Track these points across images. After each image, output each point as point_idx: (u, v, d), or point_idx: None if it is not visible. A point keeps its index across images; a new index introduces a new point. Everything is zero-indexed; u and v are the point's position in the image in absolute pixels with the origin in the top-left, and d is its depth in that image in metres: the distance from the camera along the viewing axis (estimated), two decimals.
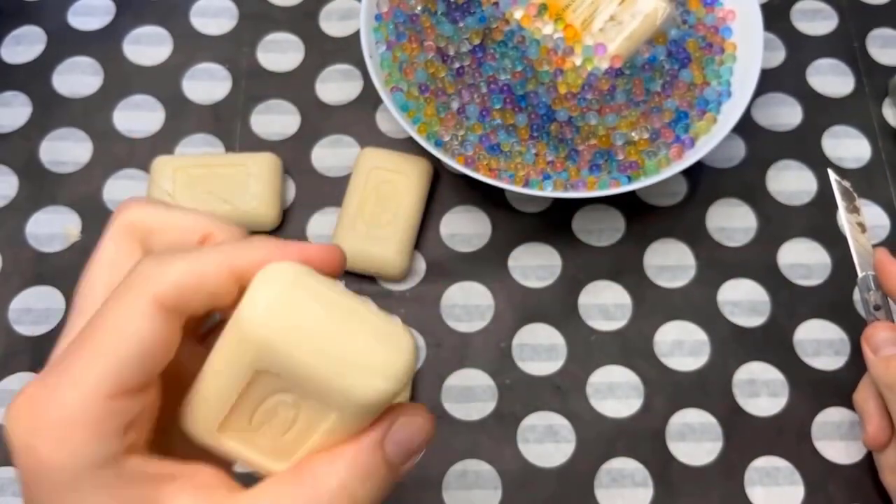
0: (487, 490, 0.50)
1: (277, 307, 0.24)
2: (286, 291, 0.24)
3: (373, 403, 0.24)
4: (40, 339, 0.54)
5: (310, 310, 0.24)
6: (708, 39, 0.59)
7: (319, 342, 0.24)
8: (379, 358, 0.24)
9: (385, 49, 0.58)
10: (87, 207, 0.58)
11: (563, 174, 0.55)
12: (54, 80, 0.62)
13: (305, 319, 0.24)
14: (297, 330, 0.24)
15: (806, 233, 0.57)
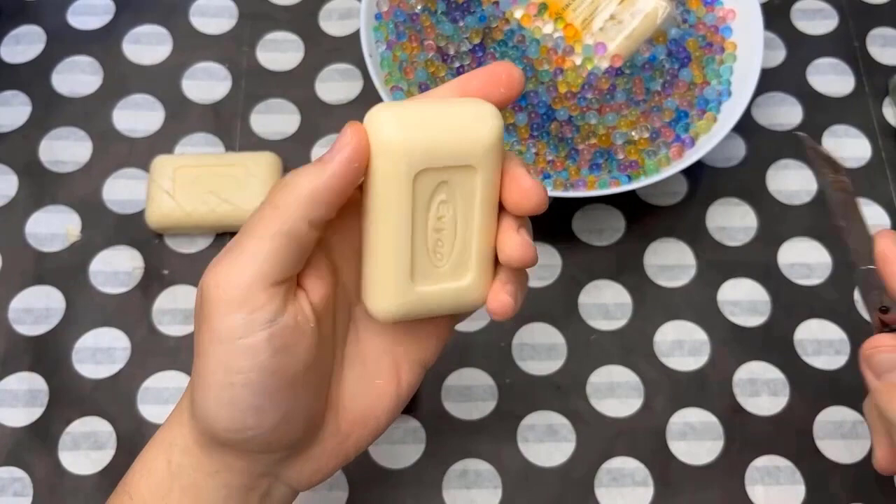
0: (487, 489, 0.50)
1: (397, 117, 0.30)
2: (392, 108, 0.31)
3: (497, 138, 0.31)
4: (40, 339, 0.54)
5: (416, 109, 0.31)
6: (708, 39, 0.59)
7: (438, 121, 0.30)
8: (482, 111, 0.31)
9: (385, 48, 0.58)
10: (86, 207, 0.58)
11: (563, 173, 0.55)
12: (54, 79, 0.62)
13: (418, 113, 0.31)
14: (419, 121, 0.30)
15: (806, 232, 0.57)
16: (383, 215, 0.31)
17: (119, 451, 0.51)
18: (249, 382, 0.30)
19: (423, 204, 0.31)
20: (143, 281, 0.55)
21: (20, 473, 0.50)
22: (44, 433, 0.51)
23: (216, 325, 0.30)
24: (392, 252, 0.31)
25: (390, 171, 0.30)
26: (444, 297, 0.33)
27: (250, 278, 0.30)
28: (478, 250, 0.33)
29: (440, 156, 0.30)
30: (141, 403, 0.52)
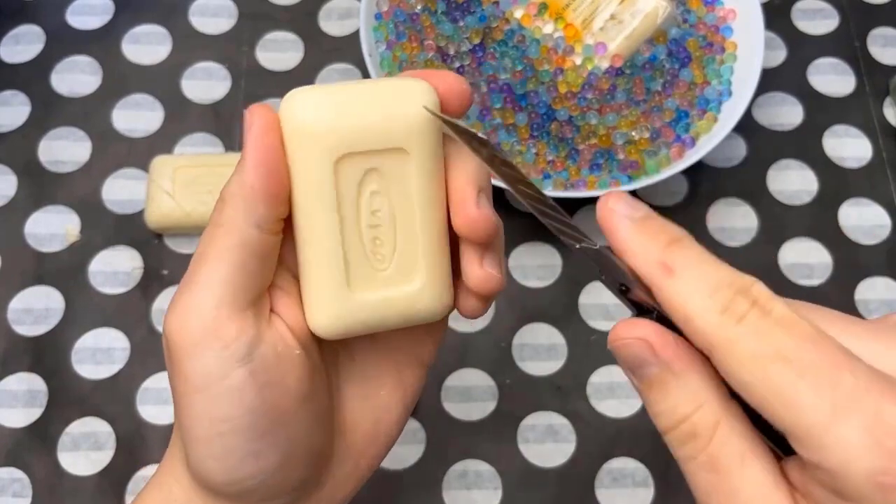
0: (487, 490, 0.50)
1: (310, 98, 0.27)
2: (307, 90, 0.27)
3: (422, 114, 0.27)
4: (39, 340, 0.54)
5: (337, 90, 0.27)
6: (708, 38, 0.59)
7: (360, 100, 0.27)
8: (411, 86, 0.27)
9: (385, 48, 0.58)
10: (86, 207, 0.57)
11: (564, 174, 0.55)
12: (53, 79, 0.62)
13: (338, 94, 0.27)
14: (338, 101, 0.27)
15: (807, 232, 0.57)
16: (305, 212, 0.27)
17: (118, 452, 0.51)
18: (239, 428, 0.27)
19: (349, 195, 0.27)
20: (143, 281, 0.55)
21: (19, 474, 0.50)
22: (43, 434, 0.51)
23: (188, 373, 0.26)
24: (320, 254, 0.27)
25: (305, 159, 0.27)
26: (393, 305, 0.28)
27: (212, 308, 0.26)
28: (425, 248, 0.28)
29: (362, 137, 0.27)
30: (140, 404, 0.52)
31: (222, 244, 0.27)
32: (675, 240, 0.24)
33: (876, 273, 0.56)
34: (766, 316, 0.21)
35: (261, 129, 0.27)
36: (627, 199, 0.25)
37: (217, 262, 0.27)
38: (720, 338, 0.22)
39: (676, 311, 0.23)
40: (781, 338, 0.21)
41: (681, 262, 0.23)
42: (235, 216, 0.27)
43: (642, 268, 0.24)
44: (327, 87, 0.27)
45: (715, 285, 0.22)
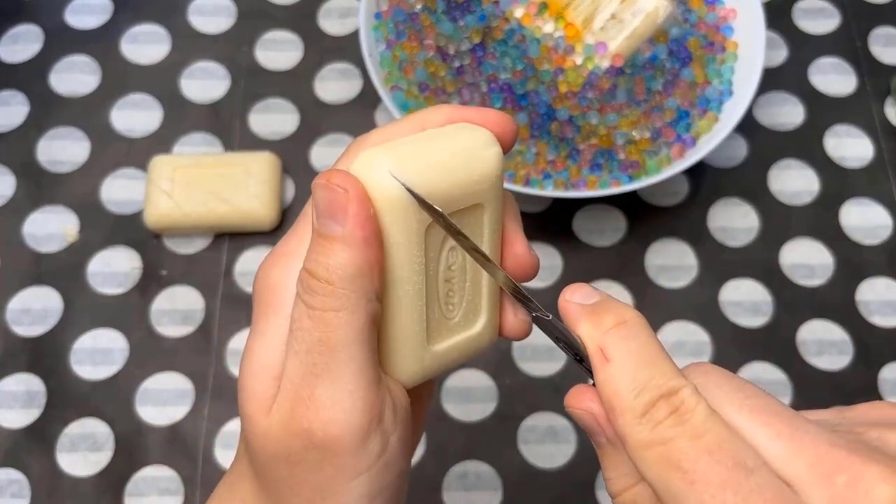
0: (488, 491, 0.50)
1: (396, 163, 0.26)
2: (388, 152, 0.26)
3: (501, 168, 0.27)
4: (38, 340, 0.53)
5: (414, 152, 0.26)
6: (709, 38, 0.59)
7: (440, 162, 0.26)
8: (476, 135, 0.27)
9: (385, 48, 0.58)
10: (84, 207, 0.57)
11: (564, 173, 0.55)
12: (52, 78, 0.61)
13: (418, 157, 0.26)
14: (420, 166, 0.26)
15: (808, 232, 0.57)
16: (396, 277, 0.27)
17: (117, 453, 0.51)
18: (392, 494, 0.27)
19: (433, 256, 0.27)
20: (142, 281, 0.55)
21: (18, 475, 0.50)
22: (41, 434, 0.51)
23: (350, 462, 0.26)
24: (406, 315, 0.27)
25: (398, 228, 0.26)
26: (459, 348, 0.29)
27: (366, 392, 0.26)
28: (488, 290, 0.29)
29: (449, 201, 0.26)
30: (139, 405, 0.52)
31: (353, 327, 0.25)
32: (619, 322, 0.25)
33: (877, 273, 0.56)
34: (679, 425, 0.22)
35: (362, 203, 0.25)
36: (585, 289, 0.27)
37: (354, 346, 0.26)
38: (634, 439, 0.23)
39: (605, 400, 0.24)
40: (685, 448, 0.22)
41: (618, 350, 0.24)
42: (355, 297, 0.25)
43: (588, 348, 0.25)
44: (403, 145, 0.27)
45: (643, 384, 0.23)
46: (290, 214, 0.57)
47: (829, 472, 0.21)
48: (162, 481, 0.50)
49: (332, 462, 0.26)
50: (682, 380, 0.23)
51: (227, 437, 0.51)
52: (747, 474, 0.21)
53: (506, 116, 0.28)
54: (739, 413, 0.23)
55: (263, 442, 0.27)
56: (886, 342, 0.54)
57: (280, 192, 0.57)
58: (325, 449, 0.26)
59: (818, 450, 0.22)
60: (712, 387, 0.24)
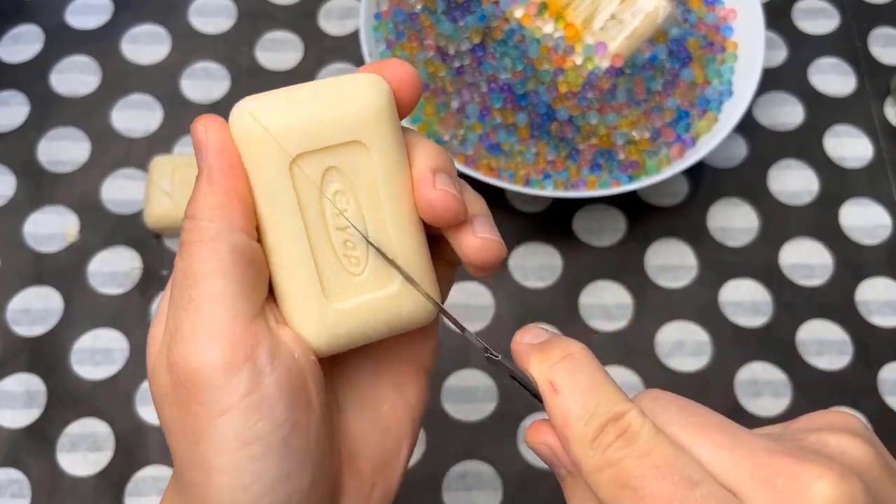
0: (488, 491, 0.50)
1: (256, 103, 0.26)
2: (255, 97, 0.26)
3: (384, 106, 0.26)
4: (38, 340, 0.54)
5: (285, 92, 0.26)
6: (709, 38, 0.59)
7: (309, 99, 0.26)
8: (361, 80, 0.26)
9: (385, 48, 0.58)
10: (85, 207, 0.57)
11: (564, 174, 0.55)
12: (52, 79, 0.61)
13: (286, 96, 0.26)
14: (286, 103, 0.26)
15: (808, 232, 0.57)
16: (268, 221, 0.26)
17: (117, 453, 0.51)
18: (271, 447, 0.25)
19: (311, 197, 0.26)
20: (142, 282, 0.55)
21: (18, 475, 0.50)
22: (42, 434, 0.51)
23: (214, 398, 0.25)
24: (290, 263, 0.26)
25: (260, 164, 0.26)
26: (374, 311, 0.27)
27: (227, 322, 0.25)
28: (400, 246, 0.27)
29: (314, 134, 0.26)
30: (139, 405, 0.52)
31: (213, 257, 0.25)
32: (566, 356, 0.26)
33: (877, 273, 0.56)
34: (627, 446, 0.23)
35: (219, 137, 0.26)
36: (534, 330, 0.28)
37: (215, 275, 0.25)
38: (587, 463, 0.24)
39: (558, 430, 0.25)
40: (633, 468, 0.23)
41: (565, 382, 0.25)
42: (216, 226, 0.26)
43: (538, 383, 0.26)
44: (275, 91, 0.26)
45: (591, 411, 0.24)
46: None
47: (769, 476, 0.22)
48: (162, 481, 0.50)
49: (196, 397, 0.25)
50: (628, 404, 0.24)
51: None
52: (692, 487, 0.22)
53: (405, 66, 0.27)
54: (685, 431, 0.24)
55: (152, 384, 0.27)
56: (886, 342, 0.54)
57: None
58: (188, 383, 0.25)
59: (757, 457, 0.23)
60: (660, 411, 0.25)
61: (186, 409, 0.25)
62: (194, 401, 0.25)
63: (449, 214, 0.27)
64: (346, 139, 0.26)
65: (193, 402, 0.25)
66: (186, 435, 0.25)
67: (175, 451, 0.26)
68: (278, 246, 0.26)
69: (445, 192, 0.27)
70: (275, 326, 0.26)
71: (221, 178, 0.26)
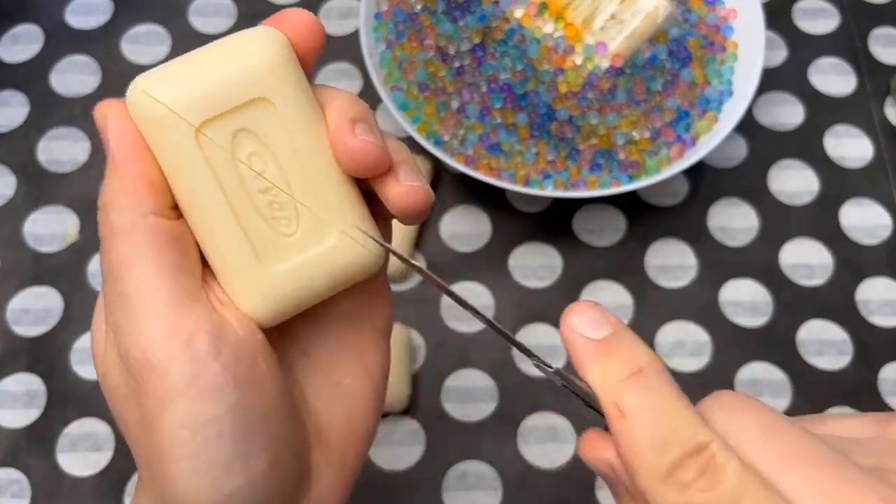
0: (488, 491, 0.50)
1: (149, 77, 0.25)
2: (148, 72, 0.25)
3: (283, 57, 0.25)
4: (38, 340, 0.54)
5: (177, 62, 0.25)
6: (709, 38, 0.59)
7: (203, 64, 0.25)
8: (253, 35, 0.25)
9: (385, 48, 0.58)
10: (85, 207, 0.57)
11: (564, 174, 0.55)
12: (52, 78, 0.61)
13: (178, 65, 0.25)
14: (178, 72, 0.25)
15: (808, 232, 0.57)
16: (183, 195, 0.25)
17: (117, 453, 0.51)
18: (225, 430, 0.24)
19: (225, 164, 0.25)
20: None
21: (18, 475, 0.50)
22: (42, 434, 0.51)
23: (160, 385, 0.24)
24: (216, 233, 0.25)
25: (163, 141, 0.25)
26: (315, 268, 0.26)
27: (163, 308, 0.24)
28: (329, 198, 0.26)
29: (213, 98, 0.24)
30: None
31: (132, 245, 0.25)
32: (635, 372, 0.23)
33: (877, 273, 0.56)
34: (711, 489, 0.20)
35: (118, 121, 0.25)
36: (590, 313, 0.24)
37: (136, 266, 0.24)
38: (660, 501, 0.21)
39: (622, 455, 0.22)
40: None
41: (635, 404, 0.22)
42: (127, 215, 0.25)
43: (600, 400, 0.23)
44: (169, 63, 0.25)
45: (666, 440, 0.21)
46: None
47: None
48: None
49: (145, 387, 0.24)
50: (708, 433, 0.21)
51: None
52: None
53: (302, 13, 0.26)
54: (772, 461, 0.21)
55: (103, 384, 0.27)
56: (886, 342, 0.54)
57: None
58: (136, 373, 0.25)
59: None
60: (740, 428, 0.22)
61: (137, 400, 0.25)
62: (143, 391, 0.25)
63: (371, 162, 0.25)
64: (249, 97, 0.25)
65: (143, 393, 0.25)
66: (141, 428, 0.25)
67: (133, 445, 0.26)
68: (201, 219, 0.25)
69: (365, 140, 0.25)
70: (218, 306, 0.26)
71: (124, 162, 0.25)
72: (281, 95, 0.25)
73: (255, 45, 0.25)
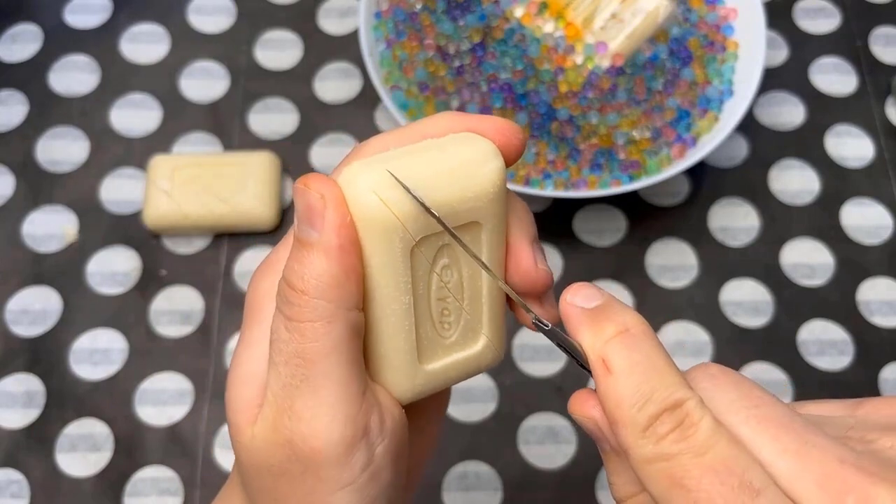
0: (488, 492, 0.50)
1: (381, 181, 0.24)
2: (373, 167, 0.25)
3: (502, 183, 0.26)
4: (37, 340, 0.53)
5: (402, 165, 0.25)
6: (710, 38, 0.58)
7: (431, 177, 0.25)
8: (478, 151, 0.26)
9: (385, 47, 0.58)
10: (84, 207, 0.57)
11: (564, 173, 0.55)
12: (51, 78, 0.61)
13: (405, 171, 0.25)
14: (406, 177, 0.24)
15: (809, 232, 0.57)
16: (379, 293, 0.26)
17: (116, 453, 0.51)
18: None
19: (423, 275, 0.26)
20: (141, 282, 0.55)
21: (17, 475, 0.50)
22: (41, 435, 0.51)
23: (333, 475, 0.25)
24: (394, 334, 0.26)
25: (379, 245, 0.25)
26: (457, 367, 0.28)
27: (349, 404, 0.25)
28: (489, 310, 0.28)
29: (441, 216, 0.25)
30: (138, 405, 0.52)
31: (329, 338, 0.25)
32: (622, 331, 0.24)
33: (878, 273, 0.56)
34: (683, 440, 0.22)
35: (340, 211, 0.25)
36: (586, 289, 0.26)
37: (331, 356, 0.25)
38: (637, 453, 0.22)
39: (607, 411, 0.24)
40: (689, 466, 0.21)
41: (619, 361, 0.24)
42: (332, 307, 0.25)
43: (588, 357, 0.24)
44: (389, 161, 0.25)
45: (646, 396, 0.23)
46: (289, 215, 0.57)
47: (839, 491, 0.20)
48: (162, 481, 0.50)
49: (315, 474, 0.25)
50: (686, 391, 0.23)
51: (226, 438, 0.51)
52: (753, 495, 0.21)
53: (512, 125, 0.27)
54: (746, 424, 0.22)
55: (248, 452, 0.26)
56: (887, 342, 0.54)
57: (279, 192, 0.57)
58: (307, 461, 0.25)
59: (827, 467, 0.21)
60: (718, 393, 0.23)
61: (301, 482, 0.26)
62: (312, 476, 0.25)
63: (543, 290, 0.28)
64: (468, 221, 0.26)
65: (310, 478, 0.25)
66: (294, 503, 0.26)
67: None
68: (385, 318, 0.26)
69: (545, 272, 0.27)
70: (373, 387, 0.27)
71: (342, 254, 0.25)
72: (490, 221, 0.26)
73: (487, 168, 0.25)
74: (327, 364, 0.25)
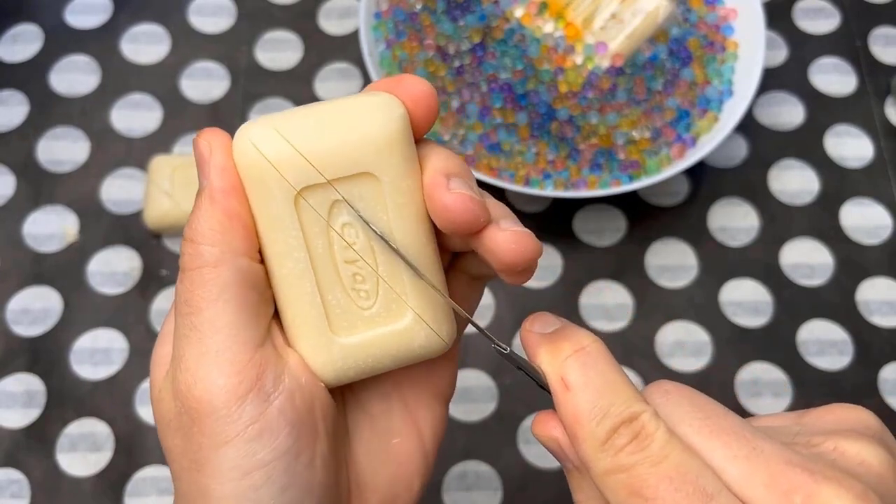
0: (488, 491, 0.50)
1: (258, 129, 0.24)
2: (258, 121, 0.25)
3: (397, 133, 0.24)
4: (38, 340, 0.53)
5: (291, 116, 0.25)
6: (709, 38, 0.59)
7: (317, 126, 0.24)
8: (373, 103, 0.25)
9: (385, 47, 0.58)
10: (84, 207, 0.57)
11: (564, 173, 0.55)
12: (51, 78, 0.61)
13: (292, 121, 0.24)
14: (291, 130, 0.24)
15: (808, 232, 0.57)
16: (272, 253, 0.25)
17: (117, 453, 0.51)
18: (274, 475, 0.24)
19: (320, 232, 0.25)
20: (141, 282, 0.55)
21: (18, 475, 0.50)
22: (41, 435, 0.51)
23: (217, 428, 0.24)
24: (294, 297, 0.25)
25: (262, 196, 0.24)
26: (384, 345, 0.26)
27: (231, 350, 0.24)
28: (414, 278, 0.26)
29: (324, 166, 0.24)
30: (139, 405, 0.52)
31: (215, 283, 0.24)
32: (578, 350, 0.25)
33: (877, 273, 0.56)
34: (639, 451, 0.23)
35: (223, 156, 0.25)
36: (545, 317, 0.26)
37: (218, 302, 0.24)
38: (597, 465, 0.23)
39: (567, 428, 0.24)
40: (645, 476, 0.22)
41: (577, 377, 0.24)
42: (217, 251, 0.25)
43: (547, 377, 0.25)
44: (281, 115, 0.25)
45: (603, 410, 0.23)
46: None
47: (786, 491, 0.21)
48: (162, 481, 0.50)
49: (201, 427, 0.24)
50: (642, 404, 0.23)
51: None
52: (707, 500, 0.22)
53: (421, 83, 0.26)
54: (699, 434, 0.23)
55: (156, 407, 0.26)
56: (887, 342, 0.54)
57: None
58: (193, 412, 0.25)
59: (774, 469, 0.22)
60: (672, 407, 0.24)
61: (189, 437, 0.25)
62: (197, 430, 0.24)
63: (467, 216, 0.25)
64: (357, 171, 0.24)
65: (196, 432, 0.24)
66: (188, 462, 0.25)
67: (177, 477, 0.26)
68: (282, 278, 0.25)
69: (461, 194, 0.25)
70: (282, 349, 0.26)
71: (223, 198, 0.25)
72: (388, 173, 0.25)
73: (374, 114, 0.24)
74: (213, 311, 0.24)
